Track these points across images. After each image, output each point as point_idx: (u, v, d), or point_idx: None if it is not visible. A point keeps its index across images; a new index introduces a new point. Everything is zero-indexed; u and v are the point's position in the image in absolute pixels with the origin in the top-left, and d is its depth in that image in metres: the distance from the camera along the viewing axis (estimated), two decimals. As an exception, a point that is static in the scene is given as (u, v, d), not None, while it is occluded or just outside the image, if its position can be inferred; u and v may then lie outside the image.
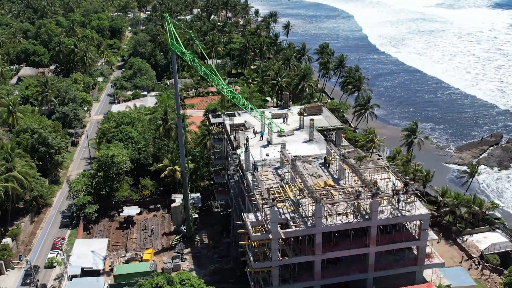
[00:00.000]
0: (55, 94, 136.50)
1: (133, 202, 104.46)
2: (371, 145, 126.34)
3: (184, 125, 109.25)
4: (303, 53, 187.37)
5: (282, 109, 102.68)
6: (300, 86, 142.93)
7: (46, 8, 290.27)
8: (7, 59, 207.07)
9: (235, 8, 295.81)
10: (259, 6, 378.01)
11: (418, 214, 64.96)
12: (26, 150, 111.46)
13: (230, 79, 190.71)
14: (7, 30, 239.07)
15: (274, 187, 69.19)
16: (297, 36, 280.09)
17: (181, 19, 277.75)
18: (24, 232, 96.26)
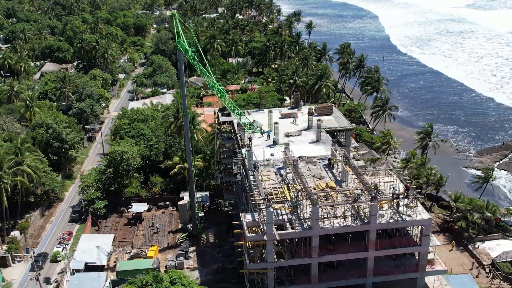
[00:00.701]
0: (73, 90, 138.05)
1: (143, 198, 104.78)
2: (386, 147, 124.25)
3: (195, 123, 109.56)
4: (323, 52, 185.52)
5: (293, 109, 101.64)
6: (317, 86, 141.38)
7: (73, 5, 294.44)
8: (32, 54, 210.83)
9: (259, 7, 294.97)
10: (286, 5, 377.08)
11: (419, 219, 63.16)
12: (41, 144, 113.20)
13: (249, 77, 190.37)
14: (34, 26, 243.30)
15: (273, 187, 68.31)
16: (321, 35, 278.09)
17: (206, 17, 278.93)
18: (33, 226, 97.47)
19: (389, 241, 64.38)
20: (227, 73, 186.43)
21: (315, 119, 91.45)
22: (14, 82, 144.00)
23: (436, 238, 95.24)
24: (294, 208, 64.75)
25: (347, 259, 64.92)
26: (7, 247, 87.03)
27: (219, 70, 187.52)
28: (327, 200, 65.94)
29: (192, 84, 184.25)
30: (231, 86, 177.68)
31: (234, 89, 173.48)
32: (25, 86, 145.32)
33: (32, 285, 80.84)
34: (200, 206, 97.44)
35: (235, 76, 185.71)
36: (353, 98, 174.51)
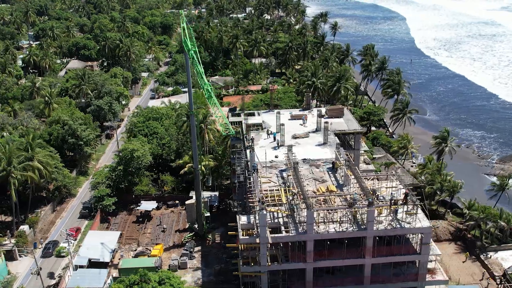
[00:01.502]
0: (92, 87, 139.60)
1: (152, 197, 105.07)
2: (403, 151, 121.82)
3: (207, 122, 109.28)
4: (346, 54, 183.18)
5: (304, 110, 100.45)
6: (335, 88, 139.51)
7: (103, 4, 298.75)
8: (59, 52, 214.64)
9: (286, 7, 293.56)
10: (315, 6, 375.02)
11: (419, 227, 61.27)
12: (57, 140, 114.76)
13: (271, 78, 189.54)
14: (64, 24, 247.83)
15: (271, 190, 67.40)
16: (348, 37, 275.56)
17: (233, 17, 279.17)
18: (44, 221, 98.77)
19: (387, 248, 62.65)
20: (249, 73, 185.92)
21: (324, 121, 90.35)
22: (36, 79, 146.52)
23: (448, 246, 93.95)
24: (290, 212, 63.66)
25: (344, 265, 63.43)
26: (15, 241, 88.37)
27: (241, 70, 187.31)
28: (326, 204, 64.68)
29: (213, 83, 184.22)
30: (252, 86, 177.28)
31: (255, 89, 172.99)
32: (47, 83, 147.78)
33: (35, 279, 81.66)
34: (207, 206, 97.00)
35: (257, 76, 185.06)
36: (374, 101, 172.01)
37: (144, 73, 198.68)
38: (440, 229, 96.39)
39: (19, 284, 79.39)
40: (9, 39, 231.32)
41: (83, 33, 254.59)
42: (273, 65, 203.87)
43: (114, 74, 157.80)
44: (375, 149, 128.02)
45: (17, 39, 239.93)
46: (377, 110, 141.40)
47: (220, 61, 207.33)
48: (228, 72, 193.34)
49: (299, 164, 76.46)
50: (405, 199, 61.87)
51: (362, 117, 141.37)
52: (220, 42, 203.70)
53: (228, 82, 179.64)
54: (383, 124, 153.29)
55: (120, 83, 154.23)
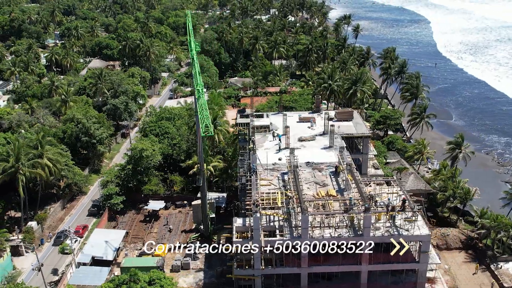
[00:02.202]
0: (109, 86, 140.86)
1: (161, 196, 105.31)
2: (418, 156, 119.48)
3: (217, 123, 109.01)
4: (367, 57, 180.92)
5: (313, 113, 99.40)
6: (351, 91, 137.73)
7: (128, 4, 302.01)
8: (83, 51, 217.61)
9: (310, 9, 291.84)
10: (341, 8, 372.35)
11: (417, 234, 59.70)
12: (71, 138, 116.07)
13: (291, 80, 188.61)
14: (89, 24, 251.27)
15: (268, 193, 66.63)
16: (373, 39, 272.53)
17: (256, 18, 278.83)
18: (53, 217, 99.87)
19: (385, 255, 61.20)
20: (268, 75, 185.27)
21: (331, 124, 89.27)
22: (55, 77, 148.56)
23: (458, 255, 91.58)
24: (287, 215, 62.83)
25: (340, 271, 62.26)
26: (23, 237, 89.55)
27: (261, 72, 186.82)
28: (324, 209, 63.68)
29: (231, 84, 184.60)
30: (270, 88, 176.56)
31: (273, 91, 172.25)
32: (66, 81, 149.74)
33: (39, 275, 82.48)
34: (213, 207, 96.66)
35: (276, 78, 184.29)
36: (394, 105, 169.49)
37: (165, 73, 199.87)
38: (450, 237, 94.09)
39: (23, 279, 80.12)
40: (35, 38, 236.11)
41: (108, 33, 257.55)
42: (293, 67, 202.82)
43: (132, 74, 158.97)
44: (390, 153, 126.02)
45: (43, 38, 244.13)
46: (394, 114, 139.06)
47: (241, 62, 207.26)
48: (248, 73, 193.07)
49: (302, 167, 75.82)
50: (403, 206, 60.34)
51: (378, 121, 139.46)
52: (240, 43, 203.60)
53: (246, 83, 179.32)
54: (401, 128, 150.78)
55: (137, 83, 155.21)
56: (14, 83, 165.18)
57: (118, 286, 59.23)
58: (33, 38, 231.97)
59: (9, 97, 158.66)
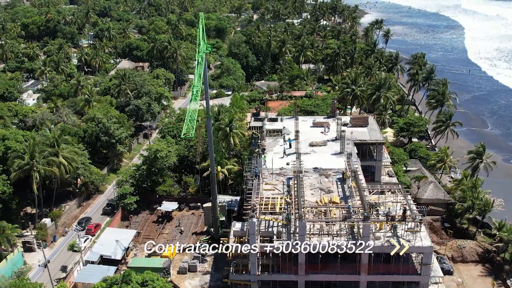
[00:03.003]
0: (132, 87, 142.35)
1: (175, 198, 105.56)
2: (441, 165, 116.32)
3: (233, 126, 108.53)
4: (395, 62, 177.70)
5: (328, 118, 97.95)
6: (374, 96, 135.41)
7: (161, 6, 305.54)
8: (114, 52, 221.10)
9: (342, 13, 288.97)
10: (376, 13, 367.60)
11: (418, 246, 57.74)
12: (91, 138, 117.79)
13: (317, 84, 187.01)
14: (123, 25, 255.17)
15: (270, 197, 65.72)
16: (407, 45, 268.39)
17: (289, 22, 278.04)
18: (68, 215, 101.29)
19: (385, 266, 59.46)
20: (295, 79, 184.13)
21: (346, 130, 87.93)
22: (82, 77, 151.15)
23: (474, 268, 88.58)
24: (286, 221, 61.77)
25: (338, 280, 60.80)
26: (36, 233, 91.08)
27: (288, 75, 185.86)
28: (325, 216, 62.41)
29: (257, 88, 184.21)
30: (296, 92, 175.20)
31: (299, 95, 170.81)
32: (92, 82, 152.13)
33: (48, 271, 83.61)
34: (224, 211, 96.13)
35: (302, 82, 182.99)
36: (421, 111, 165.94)
37: (192, 75, 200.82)
38: (466, 249, 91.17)
39: (28, 276, 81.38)
40: (69, 39, 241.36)
41: (141, 35, 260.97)
42: (321, 72, 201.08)
43: (157, 75, 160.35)
44: (412, 161, 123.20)
45: (77, 38, 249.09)
46: (418, 121, 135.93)
47: (268, 66, 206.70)
48: (275, 77, 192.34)
49: (309, 173, 74.74)
50: (403, 215, 58.49)
51: (402, 128, 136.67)
52: (268, 46, 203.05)
53: (271, 87, 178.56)
54: (426, 135, 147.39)
55: (161, 84, 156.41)
56: (43, 82, 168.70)
57: (110, 286, 59.25)
58: (67, 38, 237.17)
59: (39, 96, 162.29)
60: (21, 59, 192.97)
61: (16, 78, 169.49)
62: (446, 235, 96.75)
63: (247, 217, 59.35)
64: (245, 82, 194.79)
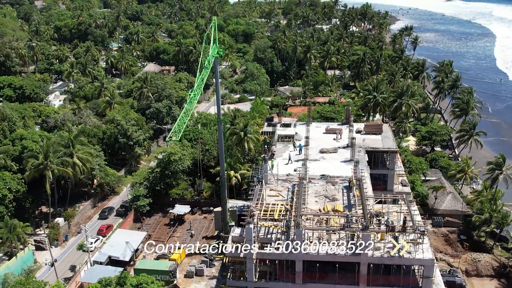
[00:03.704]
0: (153, 90, 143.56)
1: (189, 201, 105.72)
2: (461, 176, 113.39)
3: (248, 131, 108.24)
4: (421, 69, 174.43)
5: (342, 125, 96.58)
6: (396, 104, 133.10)
7: (191, 11, 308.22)
8: (142, 55, 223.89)
9: (372, 19, 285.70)
10: (408, 19, 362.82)
11: (419, 258, 56.06)
12: (110, 139, 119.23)
13: (343, 90, 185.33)
14: (152, 29, 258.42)
15: (273, 204, 64.93)
16: (438, 52, 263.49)
17: (317, 28, 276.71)
18: (81, 215, 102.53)
19: (385, 277, 57.91)
20: (320, 85, 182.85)
21: (359, 137, 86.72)
22: (105, 79, 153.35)
23: (488, 283, 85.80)
24: (286, 228, 60.88)
25: (337, 290, 59.52)
26: (48, 232, 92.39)
27: (312, 81, 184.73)
28: (327, 224, 61.28)
29: (280, 93, 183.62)
30: (320, 98, 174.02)
31: (322, 101, 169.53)
32: (115, 84, 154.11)
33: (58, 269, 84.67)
34: (235, 215, 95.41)
35: (327, 88, 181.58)
36: (446, 120, 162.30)
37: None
38: (482, 263, 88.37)
39: (41, 273, 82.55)
40: (100, 42, 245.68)
41: (171, 39, 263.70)
42: (346, 78, 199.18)
43: (179, 79, 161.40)
44: (432, 171, 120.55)
45: (107, 41, 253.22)
46: (440, 130, 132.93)
47: (293, 71, 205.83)
48: (300, 82, 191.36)
49: (316, 179, 73.71)
50: (404, 226, 56.90)
51: (424, 137, 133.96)
52: (294, 52, 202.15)
53: (294, 92, 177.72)
54: (451, 145, 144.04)
55: (184, 88, 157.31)
56: (70, 84, 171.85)
57: (105, 287, 59.42)
58: (97, 41, 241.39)
59: (65, 97, 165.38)
60: (50, 61, 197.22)
61: (45, 80, 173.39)
62: (461, 248, 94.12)
63: (243, 223, 58.76)
64: (270, 87, 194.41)
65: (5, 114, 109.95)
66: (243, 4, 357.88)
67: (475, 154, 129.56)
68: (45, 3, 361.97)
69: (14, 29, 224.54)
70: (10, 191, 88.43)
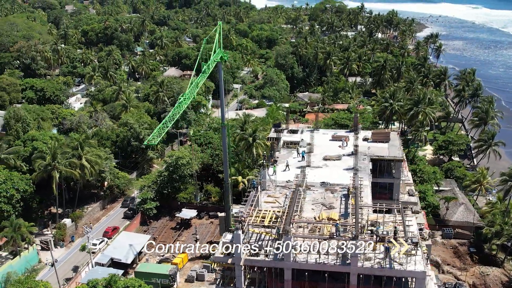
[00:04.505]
0: (169, 94, 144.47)
1: (196, 205, 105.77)
2: (476, 186, 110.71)
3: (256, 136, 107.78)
4: (443, 78, 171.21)
5: (350, 132, 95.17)
6: (412, 112, 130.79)
7: (217, 17, 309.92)
8: (165, 60, 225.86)
9: (397, 26, 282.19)
10: (437, 27, 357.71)
11: (410, 270, 54.49)
12: (123, 142, 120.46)
13: (362, 97, 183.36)
14: (176, 34, 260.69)
15: (265, 210, 64.15)
16: (466, 60, 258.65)
17: (342, 34, 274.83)
18: (90, 216, 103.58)
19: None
20: (340, 91, 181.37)
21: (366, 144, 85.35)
22: (123, 83, 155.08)
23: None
24: (277, 236, 60.00)
25: (327, 300, 58.29)
26: (55, 232, 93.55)
27: (332, 88, 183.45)
28: (320, 233, 60.18)
29: (299, 99, 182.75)
30: (338, 105, 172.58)
31: (341, 108, 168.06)
32: (133, 88, 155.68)
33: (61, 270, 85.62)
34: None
35: (347, 95, 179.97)
36: (467, 129, 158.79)
37: (237, 85, 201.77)
38: (490, 277, 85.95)
39: (44, 273, 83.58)
40: (125, 46, 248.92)
41: (196, 44, 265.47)
42: (368, 85, 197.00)
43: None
44: (447, 181, 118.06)
45: (132, 46, 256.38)
46: (457, 139, 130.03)
47: (314, 78, 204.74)
48: (320, 89, 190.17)
49: (315, 187, 72.75)
50: (394, 236, 55.41)
51: (440, 146, 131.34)
52: (315, 58, 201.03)
53: (312, 99, 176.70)
54: (470, 155, 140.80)
55: (201, 93, 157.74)
56: (90, 87, 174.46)
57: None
58: (122, 45, 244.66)
59: (87, 100, 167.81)
60: (74, 64, 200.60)
61: (67, 82, 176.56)
62: (470, 261, 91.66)
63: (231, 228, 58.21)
64: (290, 93, 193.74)
65: (19, 115, 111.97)
66: (269, 10, 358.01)
67: (494, 164, 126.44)
68: (76, 8, 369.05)
69: (41, 33, 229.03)
70: (18, 191, 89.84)
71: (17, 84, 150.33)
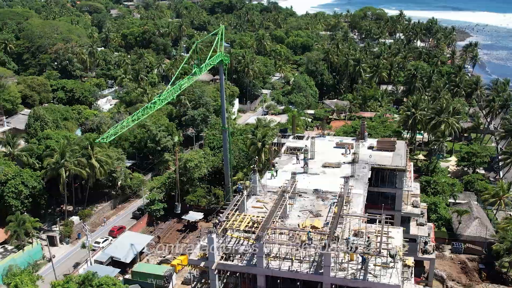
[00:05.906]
0: (191, 98, 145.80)
1: (204, 208, 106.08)
2: (495, 200, 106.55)
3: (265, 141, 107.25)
4: (475, 87, 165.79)
5: (357, 140, 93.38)
6: (433, 121, 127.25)
7: (255, 22, 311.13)
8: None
9: (435, 34, 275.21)
10: (482, 36, 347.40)
11: (384, 283, 52.83)
12: (140, 143, 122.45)
13: (392, 106, 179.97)
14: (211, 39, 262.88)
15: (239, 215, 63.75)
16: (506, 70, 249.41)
17: (379, 42, 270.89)
18: (99, 215, 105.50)
19: (350, 300, 54.97)
20: (369, 99, 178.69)
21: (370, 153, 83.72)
22: (149, 86, 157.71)
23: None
24: (255, 241, 59.37)
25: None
26: (62, 229, 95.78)
27: (361, 95, 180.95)
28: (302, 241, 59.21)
29: (326, 106, 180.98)
30: (365, 113, 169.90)
31: (368, 116, 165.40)
32: (158, 90, 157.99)
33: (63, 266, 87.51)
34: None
35: (375, 103, 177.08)
36: (498, 141, 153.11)
37: (266, 90, 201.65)
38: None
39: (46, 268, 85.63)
40: (162, 50, 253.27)
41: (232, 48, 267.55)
42: (399, 93, 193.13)
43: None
44: (466, 194, 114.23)
45: (169, 50, 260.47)
46: (481, 151, 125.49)
47: (344, 85, 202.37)
48: (350, 96, 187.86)
49: (307, 193, 71.87)
50: (368, 248, 53.79)
51: (463, 157, 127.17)
52: (346, 65, 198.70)
53: (339, 106, 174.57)
54: (497, 167, 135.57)
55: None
56: (118, 89, 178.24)
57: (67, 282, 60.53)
58: (159, 49, 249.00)
59: (117, 102, 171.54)
60: (108, 66, 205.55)
61: (99, 84, 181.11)
62: (477, 277, 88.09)
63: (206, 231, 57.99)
64: (319, 99, 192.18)
65: (38, 114, 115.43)
66: (308, 17, 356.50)
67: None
68: (120, 12, 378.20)
69: (80, 36, 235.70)
70: (27, 187, 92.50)
71: (48, 85, 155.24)
